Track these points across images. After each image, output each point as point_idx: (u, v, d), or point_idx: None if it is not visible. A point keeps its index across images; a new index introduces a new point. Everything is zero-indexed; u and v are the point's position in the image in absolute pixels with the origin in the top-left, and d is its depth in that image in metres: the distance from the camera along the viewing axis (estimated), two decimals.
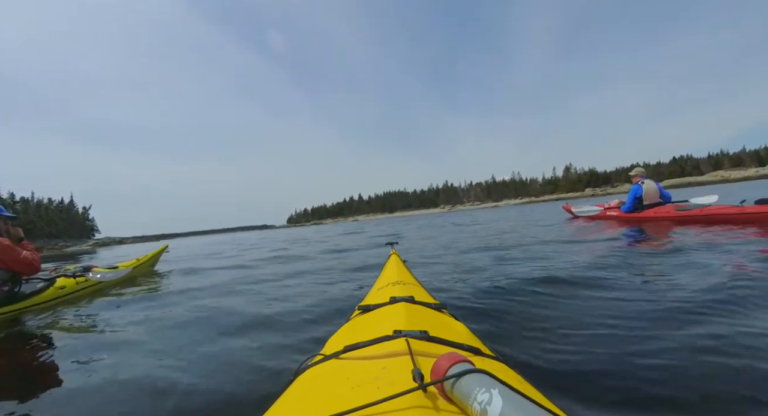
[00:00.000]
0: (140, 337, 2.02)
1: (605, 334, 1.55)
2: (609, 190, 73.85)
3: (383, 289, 1.36)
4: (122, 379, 1.45)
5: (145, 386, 1.36)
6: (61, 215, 65.74)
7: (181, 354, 1.70)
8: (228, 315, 2.35)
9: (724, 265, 2.37)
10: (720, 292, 1.85)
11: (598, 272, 2.58)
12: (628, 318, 1.69)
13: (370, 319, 1.01)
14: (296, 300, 2.60)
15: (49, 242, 54.85)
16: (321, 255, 5.94)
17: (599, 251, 3.45)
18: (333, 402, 0.55)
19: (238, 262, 5.94)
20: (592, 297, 2.04)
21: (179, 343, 1.87)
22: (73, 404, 1.31)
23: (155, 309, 2.73)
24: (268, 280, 3.74)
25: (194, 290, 3.46)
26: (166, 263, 6.51)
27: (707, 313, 1.62)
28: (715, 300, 1.75)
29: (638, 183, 5.81)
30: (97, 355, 1.78)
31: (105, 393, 1.36)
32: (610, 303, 1.93)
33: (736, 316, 1.57)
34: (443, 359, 0.50)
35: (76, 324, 2.47)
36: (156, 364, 1.59)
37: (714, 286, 1.95)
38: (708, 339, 1.39)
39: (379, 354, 0.71)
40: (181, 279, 4.39)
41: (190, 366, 1.54)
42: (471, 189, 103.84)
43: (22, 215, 54.86)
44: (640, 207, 5.77)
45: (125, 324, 2.36)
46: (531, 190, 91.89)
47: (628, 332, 1.55)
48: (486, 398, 0.42)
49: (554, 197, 75.55)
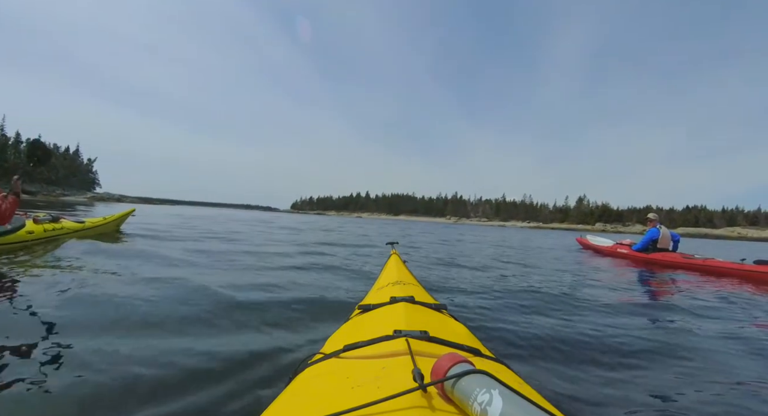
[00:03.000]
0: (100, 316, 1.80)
1: (603, 343, 1.68)
2: (620, 227, 72.29)
3: (383, 289, 1.38)
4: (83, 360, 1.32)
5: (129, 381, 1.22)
6: (65, 163, 64.28)
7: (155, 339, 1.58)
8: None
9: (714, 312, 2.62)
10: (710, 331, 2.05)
11: (602, 295, 2.99)
12: (626, 330, 1.90)
13: (370, 319, 1.01)
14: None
15: (47, 188, 53.46)
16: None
17: (613, 280, 3.93)
18: (333, 401, 0.55)
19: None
20: (598, 314, 2.26)
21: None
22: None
23: (120, 268, 2.83)
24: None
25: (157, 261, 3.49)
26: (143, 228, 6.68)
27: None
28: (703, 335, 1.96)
29: (656, 227, 6.10)
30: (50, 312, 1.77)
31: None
32: (613, 320, 2.12)
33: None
34: (444, 359, 0.50)
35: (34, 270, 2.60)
36: (144, 354, 1.41)
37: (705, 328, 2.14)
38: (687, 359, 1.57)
39: (379, 353, 0.71)
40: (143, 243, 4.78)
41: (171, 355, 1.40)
42: (480, 204, 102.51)
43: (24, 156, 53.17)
44: (652, 248, 6.07)
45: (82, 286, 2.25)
46: (540, 215, 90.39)
47: (623, 341, 1.72)
48: (486, 398, 0.42)
49: (564, 226, 74.24)
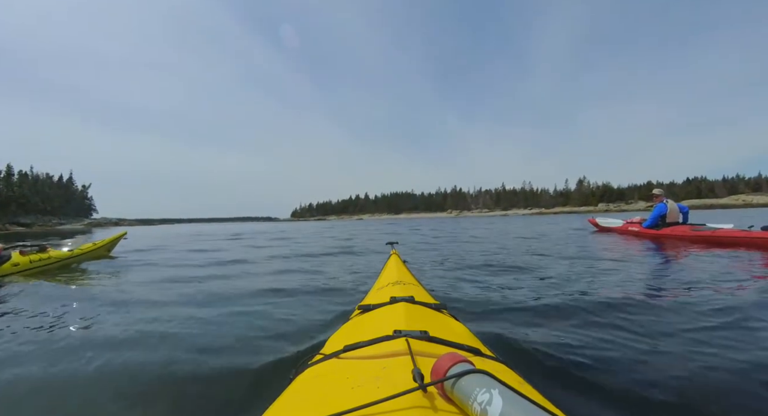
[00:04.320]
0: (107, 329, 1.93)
1: (604, 338, 1.61)
2: (623, 205, 71.95)
3: (383, 289, 1.37)
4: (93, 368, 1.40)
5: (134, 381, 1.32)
6: (59, 191, 63.53)
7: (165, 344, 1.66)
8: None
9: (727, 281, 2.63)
10: (719, 302, 2.03)
11: (611, 278, 2.92)
12: (631, 322, 1.78)
13: (370, 319, 1.01)
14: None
15: (42, 219, 52.57)
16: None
17: (622, 260, 3.89)
18: (333, 401, 0.55)
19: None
20: (600, 306, 2.06)
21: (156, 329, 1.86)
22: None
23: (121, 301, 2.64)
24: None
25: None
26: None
27: (706, 317, 1.79)
28: (714, 309, 1.91)
29: (663, 202, 6.11)
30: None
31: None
32: (617, 310, 1.97)
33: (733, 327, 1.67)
34: (444, 359, 0.50)
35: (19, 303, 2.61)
36: (143, 356, 1.52)
37: (715, 299, 2.13)
38: (706, 346, 1.48)
39: (379, 353, 0.71)
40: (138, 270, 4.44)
41: (178, 359, 1.48)
42: (480, 196, 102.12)
43: (17, 189, 52.40)
44: (662, 224, 6.09)
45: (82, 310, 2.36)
46: (541, 201, 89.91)
47: (628, 335, 1.63)
48: (486, 398, 0.42)
49: (566, 210, 73.90)
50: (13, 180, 53.71)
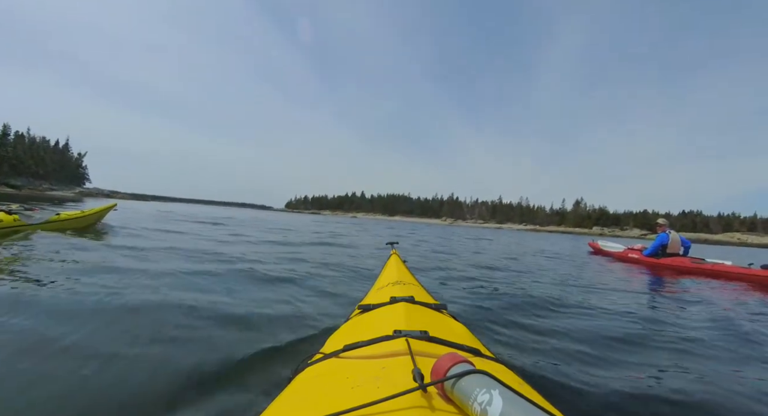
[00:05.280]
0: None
1: (602, 342, 1.70)
2: (618, 231, 72.08)
3: (383, 289, 1.37)
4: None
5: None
6: (54, 156, 62.44)
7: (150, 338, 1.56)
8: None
9: (723, 311, 2.70)
10: (712, 330, 2.11)
11: (608, 297, 3.05)
12: (628, 333, 1.88)
13: (370, 319, 1.01)
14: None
15: (33, 182, 51.59)
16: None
17: (622, 285, 3.95)
18: (332, 401, 0.55)
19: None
20: (599, 316, 2.23)
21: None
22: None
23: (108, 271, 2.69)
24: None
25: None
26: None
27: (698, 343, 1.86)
28: (709, 336, 2.00)
29: (665, 232, 6.10)
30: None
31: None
32: (615, 321, 2.12)
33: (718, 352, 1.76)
34: (444, 359, 0.50)
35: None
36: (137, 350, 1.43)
37: (709, 325, 2.22)
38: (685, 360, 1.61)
39: (379, 353, 0.70)
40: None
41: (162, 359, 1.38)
42: (476, 206, 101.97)
43: (11, 150, 51.38)
44: (662, 254, 6.10)
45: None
46: (537, 218, 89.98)
47: (623, 344, 1.72)
48: (486, 398, 0.42)
49: (561, 229, 73.92)
50: (9, 140, 52.76)
